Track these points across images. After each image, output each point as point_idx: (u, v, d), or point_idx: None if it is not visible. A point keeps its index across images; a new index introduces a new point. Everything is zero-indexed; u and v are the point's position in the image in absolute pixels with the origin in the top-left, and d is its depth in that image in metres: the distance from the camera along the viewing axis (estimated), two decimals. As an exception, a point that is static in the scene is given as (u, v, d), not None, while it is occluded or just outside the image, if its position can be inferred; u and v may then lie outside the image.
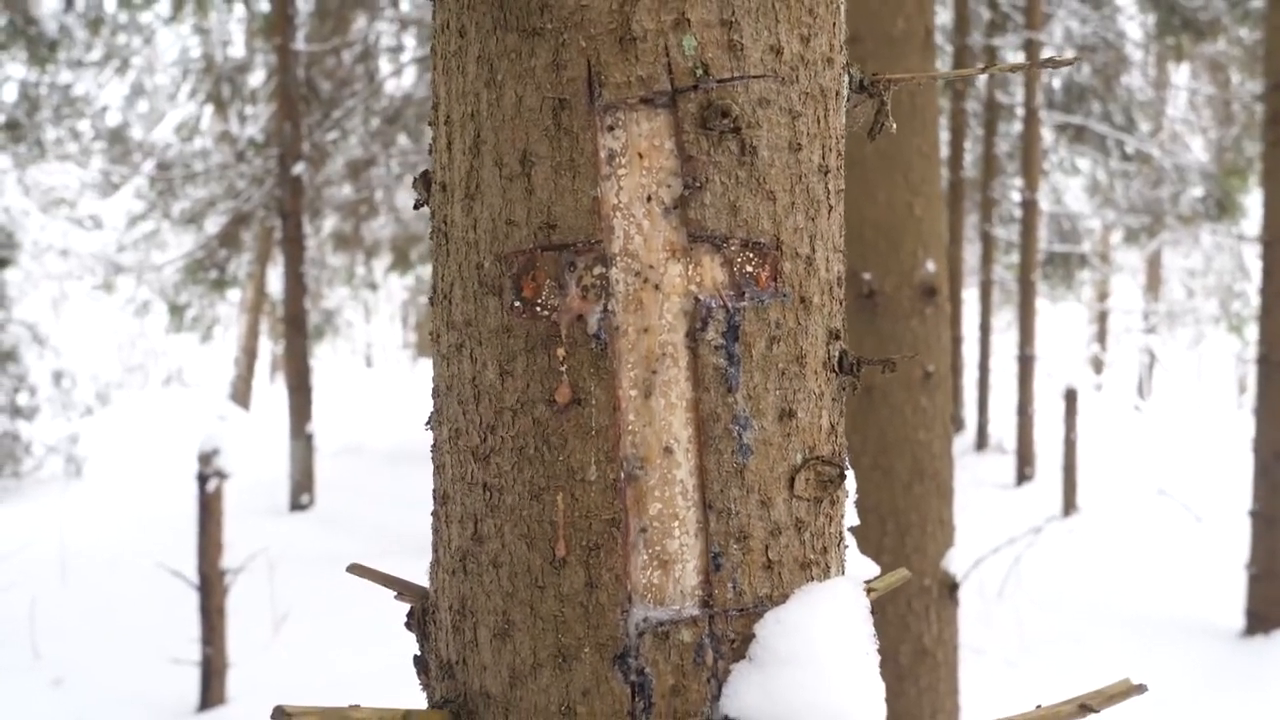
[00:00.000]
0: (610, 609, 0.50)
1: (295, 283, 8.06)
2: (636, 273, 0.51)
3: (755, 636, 0.51)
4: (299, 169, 7.99)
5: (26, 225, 10.27)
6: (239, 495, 6.87)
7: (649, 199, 0.50)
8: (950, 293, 2.78)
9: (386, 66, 10.54)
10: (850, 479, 0.60)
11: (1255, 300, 8.80)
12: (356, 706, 0.50)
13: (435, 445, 0.58)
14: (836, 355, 0.56)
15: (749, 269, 0.52)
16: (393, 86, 10.50)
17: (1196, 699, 3.98)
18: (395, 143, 10.33)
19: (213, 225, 10.88)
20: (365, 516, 7.42)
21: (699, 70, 0.50)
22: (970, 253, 11.89)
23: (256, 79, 11.06)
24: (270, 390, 17.28)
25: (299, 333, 8.15)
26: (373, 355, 25.81)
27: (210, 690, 4.03)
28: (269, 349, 19.41)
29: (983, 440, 10.07)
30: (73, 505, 7.97)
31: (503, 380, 0.52)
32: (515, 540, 0.52)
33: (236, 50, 11.42)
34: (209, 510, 4.05)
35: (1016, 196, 10.82)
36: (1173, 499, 7.23)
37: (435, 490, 0.58)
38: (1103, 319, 17.72)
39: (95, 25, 9.58)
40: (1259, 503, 4.84)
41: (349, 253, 12.44)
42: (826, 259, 0.56)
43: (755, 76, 0.51)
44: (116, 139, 11.77)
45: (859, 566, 0.63)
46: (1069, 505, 7.34)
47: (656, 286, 0.51)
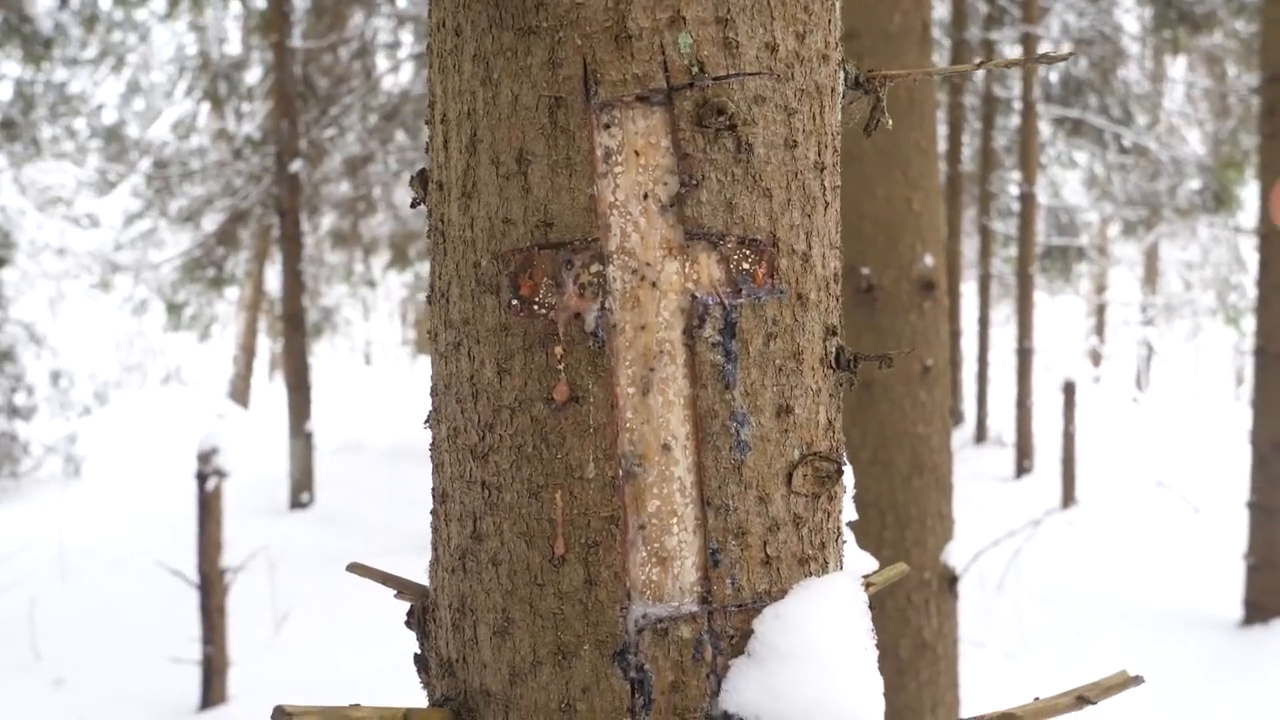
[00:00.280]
0: (609, 606, 0.50)
1: (293, 280, 8.05)
2: (633, 270, 0.51)
3: (754, 632, 0.51)
4: (296, 166, 7.98)
5: (23, 224, 10.25)
6: (239, 494, 6.87)
7: (645, 196, 0.50)
8: (949, 286, 2.77)
9: (384, 63, 10.52)
10: (848, 474, 0.60)
11: (1252, 292, 8.80)
12: (357, 706, 0.50)
13: (434, 444, 0.58)
14: (833, 351, 0.56)
15: (746, 266, 0.52)
16: (390, 83, 10.48)
17: (1196, 689, 3.99)
18: (393, 139, 10.32)
19: (210, 223, 10.86)
20: (365, 514, 7.43)
21: (694, 68, 0.50)
22: (968, 246, 11.89)
23: (253, 76, 11.04)
24: (269, 388, 17.27)
25: (297, 330, 8.14)
26: (372, 352, 25.80)
27: (211, 689, 4.04)
28: (267, 347, 19.40)
29: (982, 433, 10.09)
30: (72, 505, 7.97)
31: (501, 378, 0.53)
32: (514, 538, 0.52)
33: (233, 47, 11.40)
34: (208, 509, 4.05)
35: (1014, 190, 10.82)
36: (1171, 491, 7.25)
37: (434, 489, 0.58)
38: (1101, 312, 17.73)
39: (90, 23, 9.56)
40: (1256, 494, 4.85)
41: (347, 250, 12.43)
42: (823, 255, 0.56)
43: (751, 74, 0.52)
44: (113, 137, 11.75)
45: (857, 561, 0.64)
46: (1068, 498, 7.35)
47: (654, 284, 0.51)
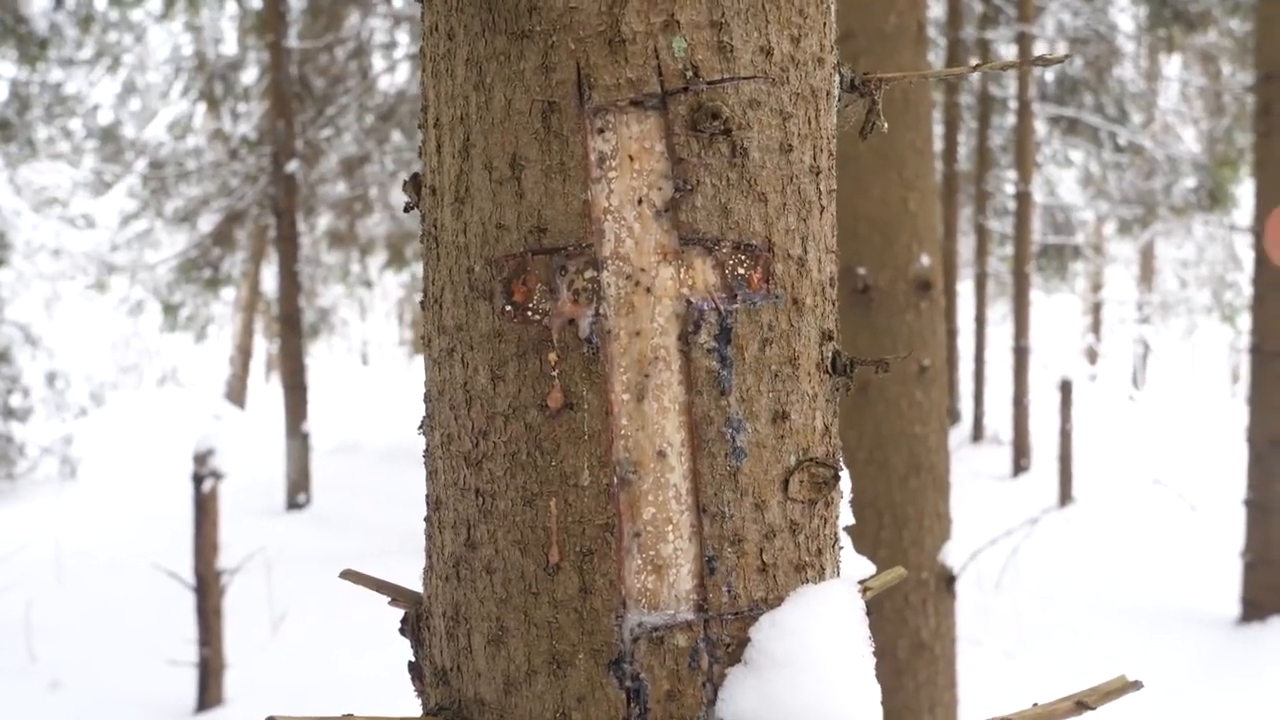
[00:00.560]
0: (604, 614, 0.50)
1: (290, 281, 8.04)
2: (628, 276, 0.50)
3: (750, 640, 0.50)
4: (293, 166, 7.97)
5: (18, 225, 10.23)
6: (235, 495, 6.86)
7: (640, 202, 0.50)
8: (945, 286, 2.77)
9: (380, 63, 10.51)
10: (845, 479, 0.59)
11: (1248, 290, 8.80)
12: (350, 716, 0.50)
13: (428, 451, 0.58)
14: (829, 356, 0.56)
15: (741, 271, 0.51)
16: (386, 83, 10.46)
17: (1193, 687, 4.00)
18: (389, 139, 10.30)
19: (206, 224, 10.85)
20: (362, 515, 7.42)
21: (689, 72, 0.50)
22: (965, 245, 11.90)
23: (249, 76, 11.02)
24: (266, 389, 17.25)
25: (294, 331, 8.13)
26: (368, 353, 25.79)
27: (208, 691, 4.03)
28: (264, 348, 19.37)
29: (978, 432, 10.10)
30: (68, 507, 7.95)
31: (494, 385, 0.52)
32: (508, 546, 0.52)
33: (229, 47, 11.37)
34: (204, 510, 4.04)
35: (1010, 189, 10.83)
36: (1168, 488, 7.26)
37: (428, 496, 0.58)
38: (1097, 310, 17.76)
39: (86, 23, 9.54)
40: (1253, 491, 4.86)
41: (344, 250, 12.41)
42: (819, 260, 0.56)
43: (746, 78, 0.51)
44: (108, 137, 11.73)
45: (854, 566, 0.63)
46: (1065, 496, 7.36)
47: (648, 290, 0.50)
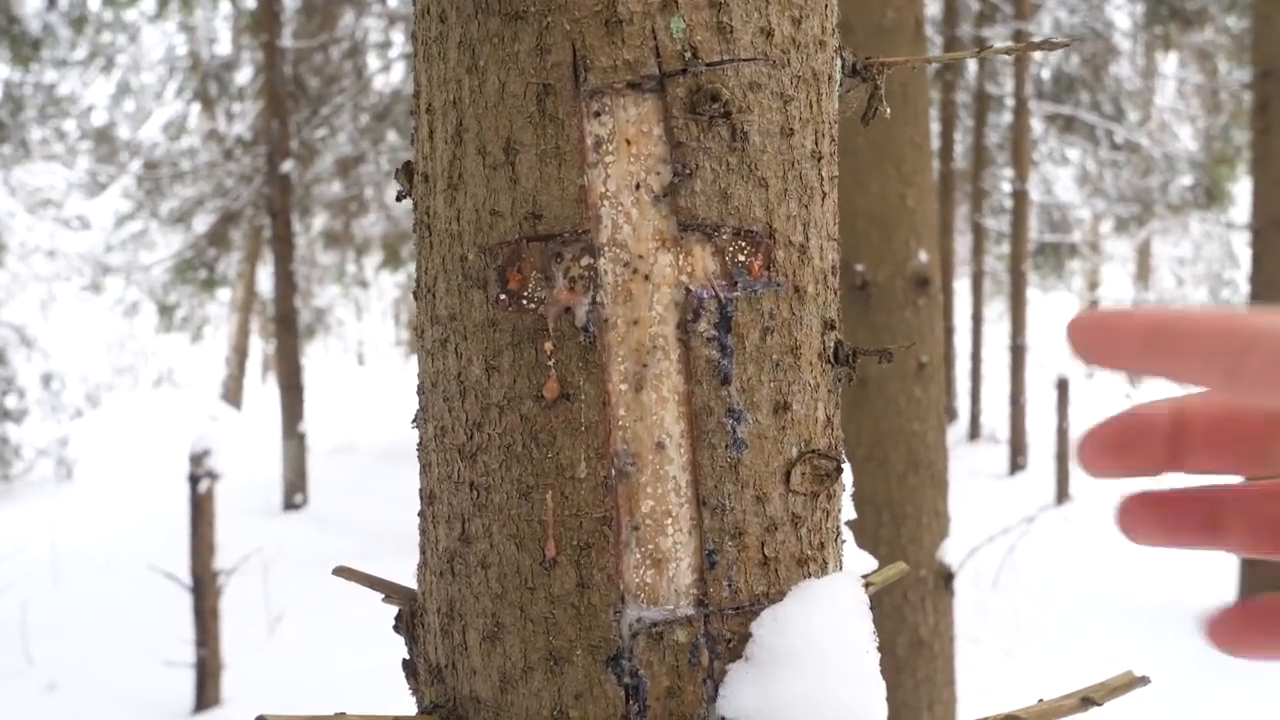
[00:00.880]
0: (602, 610, 0.48)
1: (285, 281, 8.02)
2: (625, 263, 0.49)
3: (752, 636, 0.49)
4: (288, 167, 7.95)
5: (13, 226, 10.20)
6: (232, 496, 6.84)
7: (638, 187, 0.49)
8: (942, 284, 2.77)
9: (375, 62, 10.49)
10: (847, 472, 0.58)
11: (1245, 288, 8.80)
12: (343, 715, 0.49)
13: (421, 444, 0.57)
14: (832, 346, 0.55)
15: (741, 258, 0.50)
16: (381, 83, 10.45)
17: (1191, 684, 3.99)
18: (385, 139, 10.29)
19: (201, 224, 10.83)
20: (360, 515, 7.40)
21: (687, 53, 0.49)
22: (961, 244, 11.91)
23: (244, 76, 11.00)
24: (262, 390, 17.22)
25: (290, 332, 8.11)
26: (365, 353, 25.77)
27: (205, 692, 4.02)
28: (260, 348, 19.34)
29: (976, 430, 10.10)
30: (64, 508, 7.92)
31: (489, 376, 0.51)
32: (504, 540, 0.50)
33: (223, 47, 11.35)
34: (201, 511, 4.02)
35: (1007, 187, 10.84)
36: (1165, 485, 7.26)
37: (422, 490, 0.57)
38: (1094, 308, 17.75)
39: (79, 24, 9.51)
40: (1252, 489, 4.86)
41: (339, 250, 12.40)
42: (820, 247, 0.54)
43: (746, 60, 0.50)
44: (103, 138, 11.70)
45: (857, 561, 0.62)
46: (1062, 494, 7.36)
47: (646, 277, 0.49)
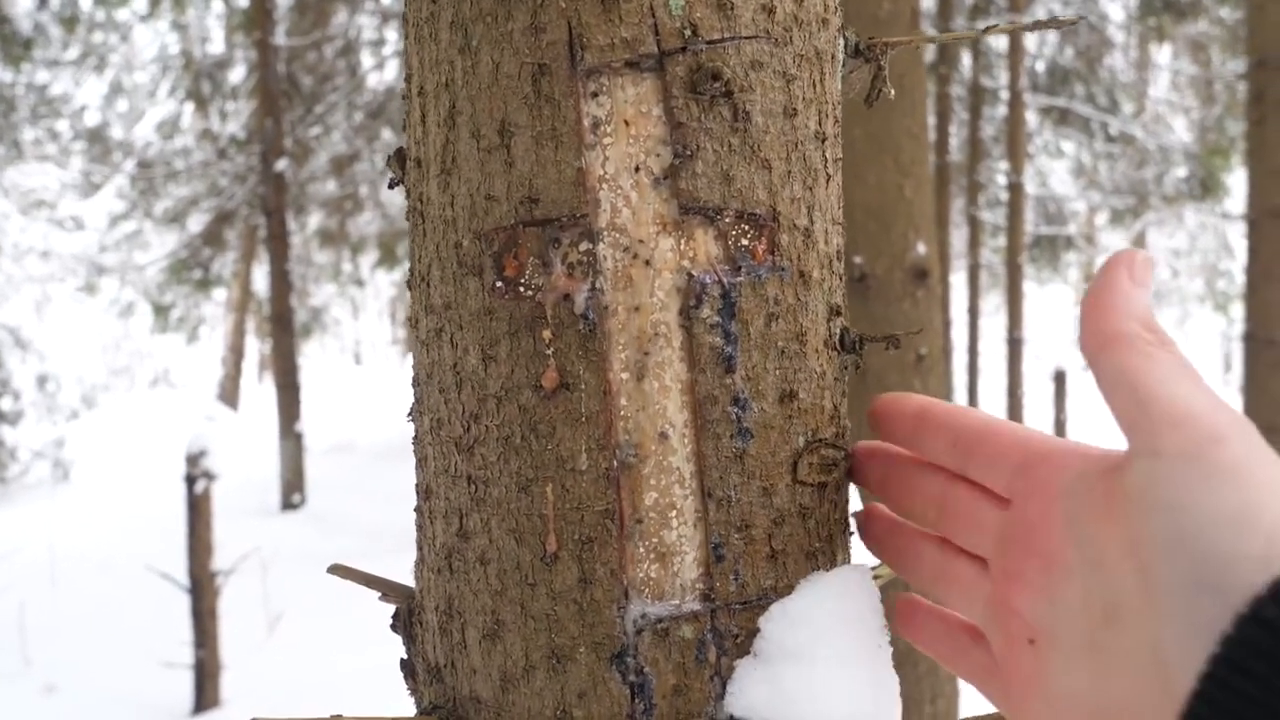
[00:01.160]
0: (606, 606, 0.47)
1: (281, 281, 8.00)
2: (625, 248, 0.47)
3: (760, 631, 0.48)
4: (282, 165, 7.92)
5: (6, 228, 10.16)
6: (229, 496, 6.82)
7: (637, 169, 0.47)
8: (939, 276, 2.76)
9: (368, 60, 10.46)
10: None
11: (1240, 279, 8.80)
12: (339, 717, 0.47)
13: (417, 437, 0.55)
14: (838, 333, 0.53)
15: (745, 242, 0.49)
16: (375, 80, 10.41)
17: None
18: (379, 137, 10.26)
19: (196, 224, 10.79)
20: (357, 514, 7.39)
21: (687, 31, 0.47)
22: (957, 237, 11.90)
23: (237, 75, 10.96)
24: (258, 389, 17.18)
25: (286, 331, 8.09)
26: (361, 352, 25.73)
27: (204, 693, 4.00)
28: (256, 348, 19.31)
29: (974, 424, 10.10)
30: (61, 510, 7.90)
31: (486, 366, 0.49)
32: (503, 535, 0.49)
33: (216, 46, 11.31)
34: (198, 511, 4.01)
35: (1002, 180, 10.83)
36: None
37: (418, 484, 0.55)
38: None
39: (70, 23, 9.47)
40: (1250, 479, 4.86)
41: (335, 249, 12.37)
42: (825, 231, 0.53)
43: (747, 37, 0.48)
44: (96, 138, 11.65)
45: (864, 554, 0.61)
46: (1061, 486, 7.35)
47: (647, 262, 0.47)
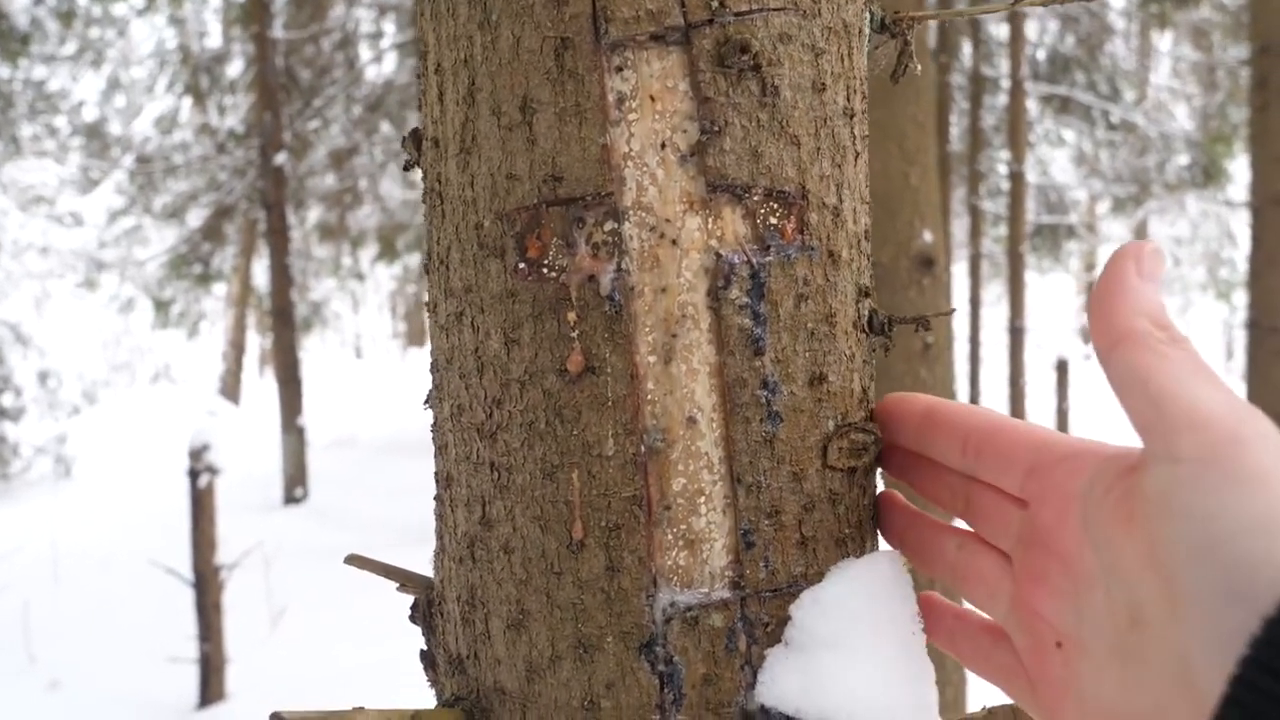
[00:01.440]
0: (634, 594, 0.46)
1: (281, 275, 7.98)
2: (652, 227, 0.46)
3: (791, 619, 0.47)
4: (281, 159, 7.89)
5: (5, 224, 10.15)
6: (232, 490, 6.81)
7: (663, 146, 0.46)
8: (944, 264, 2.74)
9: (367, 53, 10.41)
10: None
11: (1242, 266, 8.78)
12: (361, 709, 0.46)
13: (436, 424, 0.54)
14: (866, 314, 0.52)
15: (773, 221, 0.47)
16: (373, 73, 10.37)
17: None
18: (378, 130, 10.23)
19: (195, 219, 10.77)
20: (360, 508, 7.39)
21: (714, 2, 0.46)
22: (958, 226, 11.87)
23: (235, 69, 10.91)
24: (260, 384, 17.18)
25: (286, 325, 8.07)
26: (362, 346, 25.73)
27: (209, 687, 4.00)
28: (257, 342, 19.29)
29: (976, 413, 10.09)
30: (63, 506, 7.90)
31: (508, 350, 0.48)
32: (528, 523, 0.48)
33: (213, 40, 11.26)
34: (201, 506, 4.00)
35: (1003, 169, 10.80)
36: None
37: (437, 473, 0.54)
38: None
39: (67, 18, 9.43)
40: (1255, 467, 4.84)
41: (335, 243, 12.34)
42: (854, 210, 0.52)
43: (775, 9, 0.47)
44: (94, 134, 11.62)
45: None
46: (1064, 476, 7.35)
47: (674, 242, 0.46)
